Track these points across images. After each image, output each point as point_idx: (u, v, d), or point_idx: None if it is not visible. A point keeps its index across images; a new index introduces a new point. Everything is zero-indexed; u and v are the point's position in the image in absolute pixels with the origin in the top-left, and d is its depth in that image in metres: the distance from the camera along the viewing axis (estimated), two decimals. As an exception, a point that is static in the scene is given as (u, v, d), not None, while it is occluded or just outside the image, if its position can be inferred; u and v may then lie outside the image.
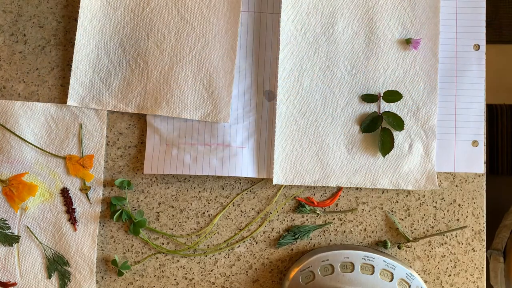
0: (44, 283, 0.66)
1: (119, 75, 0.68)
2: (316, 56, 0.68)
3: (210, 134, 0.67)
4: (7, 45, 0.69)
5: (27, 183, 0.66)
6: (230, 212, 0.67)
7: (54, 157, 0.67)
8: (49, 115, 0.67)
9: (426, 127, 0.67)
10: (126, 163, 0.68)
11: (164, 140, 0.67)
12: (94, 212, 0.67)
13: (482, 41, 0.69)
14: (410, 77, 0.68)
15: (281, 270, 0.67)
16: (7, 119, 0.67)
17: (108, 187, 0.67)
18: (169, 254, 0.67)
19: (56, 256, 0.66)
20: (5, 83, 0.68)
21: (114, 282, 0.67)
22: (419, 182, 0.67)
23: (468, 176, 0.68)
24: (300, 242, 0.67)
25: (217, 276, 0.67)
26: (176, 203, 0.67)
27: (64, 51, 0.69)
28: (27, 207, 0.66)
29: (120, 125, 0.68)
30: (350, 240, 0.68)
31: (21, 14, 0.69)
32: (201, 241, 0.67)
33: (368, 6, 0.68)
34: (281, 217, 0.67)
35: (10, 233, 0.66)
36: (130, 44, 0.68)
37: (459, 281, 0.68)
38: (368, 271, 0.64)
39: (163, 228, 0.67)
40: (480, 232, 0.68)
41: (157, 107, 0.67)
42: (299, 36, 0.68)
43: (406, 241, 0.67)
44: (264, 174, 0.67)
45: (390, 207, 0.68)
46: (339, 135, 0.67)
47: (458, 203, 0.68)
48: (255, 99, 0.68)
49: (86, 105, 0.67)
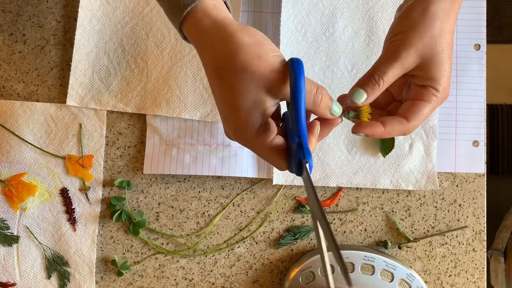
0: (43, 283, 0.66)
1: (118, 75, 0.67)
2: (316, 55, 0.68)
3: (210, 134, 0.67)
4: (6, 45, 0.68)
5: (26, 183, 0.66)
6: (230, 212, 0.67)
7: (54, 157, 0.67)
8: (49, 115, 0.67)
9: (426, 127, 0.67)
10: (125, 163, 0.68)
11: (164, 140, 0.67)
12: (93, 212, 0.66)
13: (483, 41, 0.69)
14: (411, 77, 0.68)
15: (281, 271, 0.67)
16: (6, 119, 0.67)
17: (107, 187, 0.67)
18: (168, 255, 0.67)
19: (56, 256, 0.66)
20: (4, 83, 0.68)
21: (113, 282, 0.67)
22: (419, 182, 0.67)
23: (468, 176, 0.68)
24: (300, 242, 0.67)
25: (217, 277, 0.67)
26: (176, 203, 0.67)
27: (63, 50, 0.69)
28: (26, 207, 0.66)
29: (120, 125, 0.68)
30: (351, 240, 0.67)
31: (20, 13, 0.69)
32: (201, 242, 0.67)
33: (368, 5, 0.68)
34: (281, 217, 0.67)
35: (9, 233, 0.66)
36: (130, 44, 0.68)
37: (460, 281, 0.67)
38: (368, 272, 0.64)
39: (162, 228, 0.67)
40: (480, 232, 0.68)
41: (156, 107, 0.67)
42: (299, 36, 0.68)
43: (407, 241, 0.67)
44: (264, 174, 0.66)
45: (390, 207, 0.68)
46: (339, 135, 0.67)
47: (458, 203, 0.68)
48: (255, 99, 0.67)
49: (85, 105, 0.67)
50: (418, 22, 0.45)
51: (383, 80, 0.45)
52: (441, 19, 0.45)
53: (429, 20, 0.45)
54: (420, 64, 0.46)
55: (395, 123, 0.46)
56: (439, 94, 0.47)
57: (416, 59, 0.45)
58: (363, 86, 0.46)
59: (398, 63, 0.45)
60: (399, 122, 0.46)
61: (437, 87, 0.46)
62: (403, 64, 0.45)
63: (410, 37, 0.45)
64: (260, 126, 0.43)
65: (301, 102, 0.41)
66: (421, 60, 0.46)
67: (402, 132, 0.47)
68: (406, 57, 0.45)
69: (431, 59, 0.45)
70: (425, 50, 0.45)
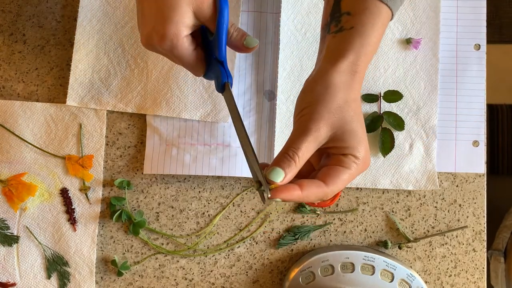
0: (43, 284, 0.66)
1: (118, 75, 0.67)
2: (316, 55, 0.67)
3: (210, 134, 0.67)
4: (6, 45, 0.68)
5: (26, 183, 0.66)
6: (230, 212, 0.67)
7: (54, 157, 0.67)
8: (49, 115, 0.67)
9: (426, 127, 0.67)
10: (125, 163, 0.68)
11: (164, 140, 0.67)
12: (93, 212, 0.66)
13: (483, 41, 0.69)
14: (411, 77, 0.68)
15: (281, 271, 0.67)
16: (6, 119, 0.67)
17: (107, 187, 0.67)
18: (168, 255, 0.67)
19: (56, 257, 0.66)
20: (4, 83, 0.68)
21: (113, 282, 0.67)
22: (419, 182, 0.67)
23: (468, 176, 0.68)
24: (300, 243, 0.67)
25: (217, 277, 0.67)
26: (176, 203, 0.67)
27: (63, 50, 0.69)
28: (26, 207, 0.66)
29: (120, 125, 0.68)
30: (351, 240, 0.67)
31: (20, 13, 0.69)
32: (201, 242, 0.67)
33: (368, 5, 0.68)
34: (281, 218, 0.67)
35: (9, 233, 0.66)
36: (130, 44, 0.68)
37: (460, 281, 0.67)
38: (368, 272, 0.63)
39: (162, 228, 0.67)
40: (480, 233, 0.68)
41: (156, 107, 0.67)
42: (299, 36, 0.68)
43: (407, 241, 0.67)
44: (264, 174, 0.66)
45: (390, 207, 0.68)
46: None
47: (458, 203, 0.68)
48: (255, 99, 0.67)
49: (85, 105, 0.67)
50: (322, 94, 0.46)
51: (298, 156, 0.45)
52: (343, 90, 0.46)
53: (332, 92, 0.46)
54: (333, 136, 0.46)
55: (313, 186, 0.45)
56: (359, 162, 0.46)
57: (327, 131, 0.46)
58: (280, 164, 0.45)
59: (310, 136, 0.45)
60: (317, 186, 0.45)
61: (356, 154, 0.46)
62: (316, 138, 0.45)
63: (317, 110, 0.46)
64: (185, 36, 0.50)
65: (223, 29, 0.50)
66: (333, 131, 0.46)
67: (320, 197, 0.46)
68: (317, 130, 0.45)
69: (343, 129, 0.46)
70: (334, 120, 0.46)
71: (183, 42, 0.50)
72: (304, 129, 0.46)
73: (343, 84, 0.46)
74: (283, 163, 0.45)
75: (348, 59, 0.47)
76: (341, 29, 0.48)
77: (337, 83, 0.46)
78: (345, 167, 0.46)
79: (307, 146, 0.45)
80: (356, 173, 0.47)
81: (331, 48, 0.48)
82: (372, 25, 0.47)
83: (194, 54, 0.51)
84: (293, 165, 0.45)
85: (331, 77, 0.47)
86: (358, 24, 0.47)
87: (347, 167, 0.46)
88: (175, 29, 0.49)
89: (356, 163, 0.46)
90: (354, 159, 0.46)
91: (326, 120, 0.45)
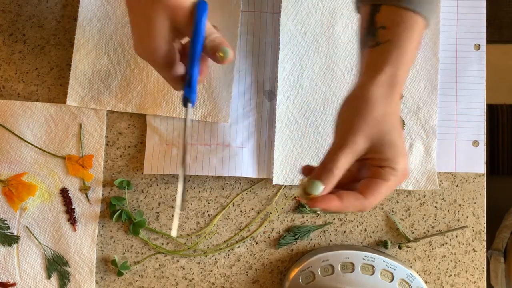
0: (43, 283, 0.66)
1: (118, 75, 0.67)
2: (316, 55, 0.68)
3: (210, 134, 0.67)
4: (6, 45, 0.68)
5: (26, 183, 0.66)
6: (230, 212, 0.67)
7: (54, 157, 0.67)
8: (49, 115, 0.67)
9: (426, 127, 0.67)
10: (125, 163, 0.68)
11: (164, 140, 0.67)
12: (93, 212, 0.66)
13: (483, 41, 0.69)
14: (411, 77, 0.68)
15: (281, 271, 0.67)
16: (6, 119, 0.67)
17: (107, 187, 0.67)
18: (168, 255, 0.67)
19: (56, 256, 0.66)
20: (4, 83, 0.68)
21: (113, 282, 0.67)
22: (419, 182, 0.67)
23: (468, 176, 0.68)
24: (300, 243, 0.67)
25: (217, 277, 0.67)
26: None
27: (63, 50, 0.69)
28: (26, 207, 0.66)
29: (120, 125, 0.68)
30: (351, 240, 0.67)
31: (20, 13, 0.69)
32: (201, 242, 0.67)
33: (368, 5, 0.68)
34: (281, 217, 0.67)
35: (9, 233, 0.66)
36: (130, 44, 0.68)
37: (460, 281, 0.67)
38: (368, 272, 0.64)
39: (162, 228, 0.67)
40: (480, 232, 0.68)
41: (156, 107, 0.67)
42: (299, 36, 0.68)
43: (407, 241, 0.67)
44: (264, 174, 0.66)
45: (390, 207, 0.68)
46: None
47: (458, 203, 0.68)
48: (255, 99, 0.67)
49: (85, 105, 0.67)
50: (360, 108, 0.47)
51: (336, 168, 0.46)
52: (382, 103, 0.47)
53: (371, 106, 0.47)
54: (371, 147, 0.47)
55: (352, 198, 0.46)
56: (397, 173, 0.47)
57: (365, 143, 0.46)
58: (319, 177, 0.46)
59: (349, 149, 0.46)
60: (356, 198, 0.46)
61: (394, 166, 0.47)
62: (354, 150, 0.46)
63: (356, 122, 0.46)
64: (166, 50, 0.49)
65: (197, 44, 0.48)
66: (371, 143, 0.46)
67: (359, 208, 0.47)
68: (355, 142, 0.46)
69: (381, 141, 0.47)
70: (372, 132, 0.46)
71: (161, 56, 0.49)
72: (342, 141, 0.46)
73: (381, 97, 0.47)
74: (322, 176, 0.46)
75: (386, 72, 0.47)
76: (377, 44, 0.49)
77: (376, 97, 0.47)
78: (384, 180, 0.47)
79: (345, 158, 0.46)
80: (394, 184, 0.48)
81: (368, 62, 0.49)
82: (408, 37, 0.48)
83: (174, 69, 0.50)
84: (332, 177, 0.46)
85: (370, 90, 0.47)
86: (395, 37, 0.48)
87: (385, 180, 0.47)
88: (154, 42, 0.48)
89: (394, 175, 0.47)
90: (392, 171, 0.47)
91: (364, 132, 0.46)
